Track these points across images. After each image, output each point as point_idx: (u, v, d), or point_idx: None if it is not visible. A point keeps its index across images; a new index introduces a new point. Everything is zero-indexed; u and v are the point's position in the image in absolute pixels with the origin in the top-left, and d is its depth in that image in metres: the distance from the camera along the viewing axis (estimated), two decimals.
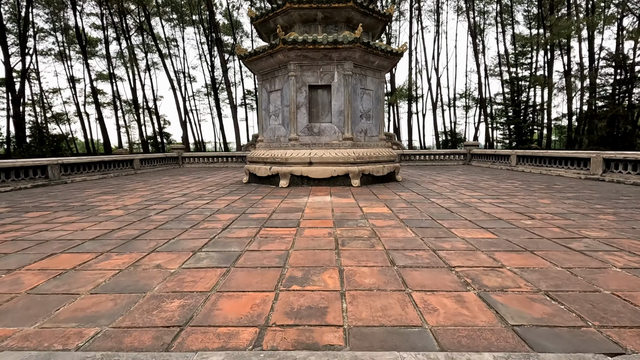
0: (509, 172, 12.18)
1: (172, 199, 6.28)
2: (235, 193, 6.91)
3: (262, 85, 8.75)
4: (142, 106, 41.94)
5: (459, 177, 10.25)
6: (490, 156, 15.31)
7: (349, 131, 7.85)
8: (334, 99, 7.85)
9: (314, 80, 7.82)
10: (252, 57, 8.21)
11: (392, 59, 8.39)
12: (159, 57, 29.51)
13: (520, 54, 33.75)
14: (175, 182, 9.40)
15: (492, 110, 36.61)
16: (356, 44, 7.30)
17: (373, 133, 8.58)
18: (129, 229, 3.96)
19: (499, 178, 9.84)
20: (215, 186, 8.26)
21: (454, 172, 12.53)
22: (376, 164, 8.16)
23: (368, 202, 5.57)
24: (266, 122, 8.75)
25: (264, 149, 8.58)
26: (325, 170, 7.60)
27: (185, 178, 10.75)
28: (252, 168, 8.52)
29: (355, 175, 7.61)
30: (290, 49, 7.43)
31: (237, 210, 5.02)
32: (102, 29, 36.44)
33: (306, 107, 7.88)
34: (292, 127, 7.88)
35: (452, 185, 8.00)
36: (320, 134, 7.94)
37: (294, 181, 7.74)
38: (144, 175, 12.41)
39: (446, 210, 4.90)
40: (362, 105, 8.23)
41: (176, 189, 7.89)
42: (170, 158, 16.68)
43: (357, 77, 8.04)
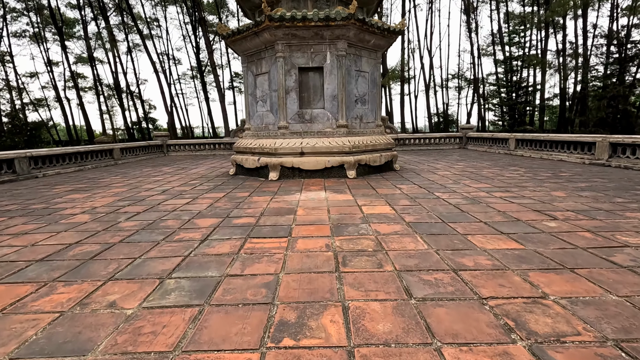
0: (508, 156, 11.74)
1: (149, 197, 5.64)
2: (220, 189, 6.30)
3: (247, 68, 7.99)
4: (125, 90, 40.32)
5: (459, 164, 9.75)
6: (487, 140, 14.85)
7: (343, 118, 7.22)
8: (327, 83, 7.18)
9: (304, 61, 7.11)
10: (236, 36, 7.42)
11: (390, 37, 7.69)
12: (140, 38, 27.95)
13: (513, 32, 32.99)
14: (156, 175, 8.71)
15: (485, 90, 36.07)
16: (350, 21, 6.58)
17: (369, 119, 7.96)
18: (90, 242, 3.35)
19: (500, 164, 9.37)
20: (199, 179, 7.61)
21: (451, 157, 12.04)
22: (373, 153, 7.58)
23: (367, 199, 5.02)
24: (253, 109, 8.05)
25: (252, 138, 7.91)
26: (318, 161, 7.01)
27: (168, 169, 10.04)
28: (240, 159, 7.87)
29: (350, 166, 7.03)
30: (278, 27, 6.67)
31: (221, 212, 4.43)
32: (78, 8, 34.40)
33: (296, 91, 7.20)
34: (281, 114, 7.21)
35: (453, 174, 7.49)
36: (312, 121, 7.29)
37: (284, 173, 7.13)
38: (125, 166, 11.64)
39: (455, 208, 4.38)
40: (357, 89, 7.58)
41: (156, 183, 7.22)
42: (154, 146, 15.84)
43: (352, 58, 7.34)
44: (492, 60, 41.29)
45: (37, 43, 38.76)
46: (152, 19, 41.68)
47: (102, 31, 34.21)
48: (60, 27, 33.42)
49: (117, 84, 35.40)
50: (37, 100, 45.63)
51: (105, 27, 31.23)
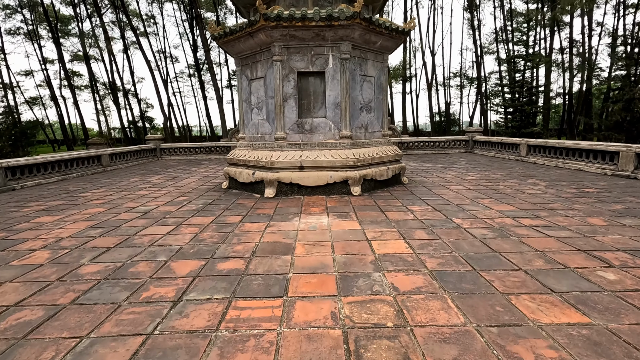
0: (520, 164, 11.05)
1: (126, 223, 4.94)
2: (209, 210, 5.60)
3: (241, 72, 7.28)
4: (121, 89, 39.54)
5: (470, 173, 9.06)
6: (496, 144, 14.15)
7: (347, 127, 6.52)
8: (329, 89, 6.47)
9: (304, 65, 6.40)
10: (228, 37, 6.71)
11: (398, 38, 6.97)
12: (134, 36, 27.14)
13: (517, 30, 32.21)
14: (143, 186, 8.01)
15: (487, 90, 35.33)
16: (355, 20, 5.86)
17: (375, 128, 7.26)
18: (35, 303, 2.66)
19: (515, 175, 8.68)
20: (187, 195, 6.91)
21: (459, 164, 11.35)
22: (379, 166, 6.89)
23: (377, 228, 4.33)
24: (248, 117, 7.34)
25: (246, 149, 7.21)
26: (319, 176, 6.31)
27: (158, 179, 9.34)
28: (233, 172, 7.18)
29: (355, 182, 6.34)
30: (274, 27, 5.96)
31: (205, 250, 3.73)
32: (72, 4, 33.55)
33: (295, 98, 6.49)
34: (278, 123, 6.50)
35: (468, 190, 6.79)
36: (313, 131, 6.59)
37: (282, 189, 6.44)
38: (113, 174, 10.93)
39: (482, 244, 3.70)
40: (362, 95, 6.87)
41: (140, 200, 6.52)
42: (147, 150, 15.13)
43: (356, 61, 6.63)
44: (495, 59, 40.59)
45: (31, 41, 37.98)
46: (149, 16, 40.87)
47: (97, 29, 33.38)
48: (54, 24, 32.62)
49: (112, 82, 34.62)
50: (32, 98, 44.84)
51: (100, 25, 30.38)
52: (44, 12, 29.35)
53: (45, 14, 29.40)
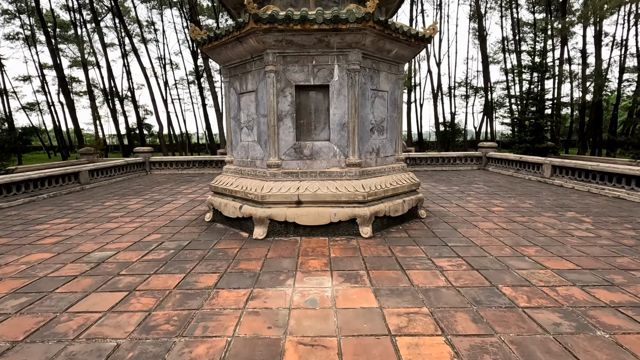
0: (544, 187, 9.83)
1: (64, 284, 3.73)
2: (179, 261, 4.39)
3: (229, 84, 6.13)
4: (119, 96, 38.65)
5: (494, 201, 7.84)
6: (514, 162, 12.95)
7: (355, 153, 5.34)
8: (334, 106, 5.31)
9: (303, 78, 5.25)
10: (213, 42, 5.57)
11: (416, 46, 5.83)
12: (130, 44, 26.22)
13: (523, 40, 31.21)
14: (115, 215, 6.82)
15: (492, 101, 34.27)
16: (368, 23, 4.72)
17: (387, 152, 6.08)
18: None
19: (546, 203, 7.48)
20: (162, 231, 5.71)
21: (477, 185, 10.14)
22: (394, 199, 5.69)
23: (401, 307, 3.11)
24: (236, 137, 6.17)
25: (233, 176, 6.02)
26: (320, 213, 5.11)
27: (136, 203, 8.14)
28: (217, 203, 5.98)
29: (365, 220, 5.13)
30: (267, 31, 4.82)
31: (149, 353, 2.52)
32: (68, 10, 32.80)
33: (292, 117, 5.33)
34: (271, 147, 5.33)
35: (502, 230, 5.57)
36: (314, 157, 5.41)
37: (275, 228, 5.24)
38: (91, 193, 9.75)
39: (564, 350, 2.48)
40: (373, 113, 5.70)
41: (101, 239, 5.33)
42: (134, 164, 13.97)
43: (367, 73, 5.48)
44: (501, 69, 39.65)
45: (28, 46, 37.24)
46: (149, 23, 40.14)
47: (95, 35, 32.55)
48: (53, 30, 31.85)
49: (110, 89, 33.71)
50: (29, 104, 44.04)
51: (97, 30, 29.52)
52: (40, 19, 28.47)
53: (42, 20, 28.53)
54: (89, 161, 19.32)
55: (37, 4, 28.26)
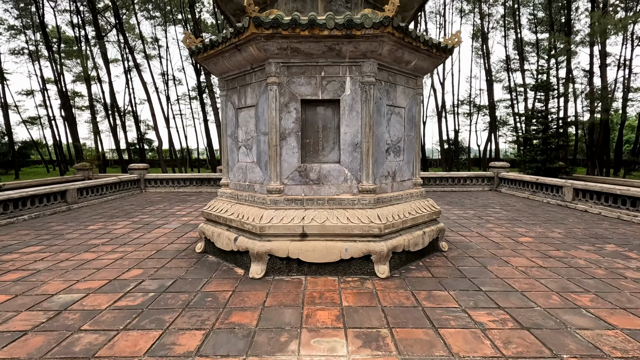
0: (567, 212, 9.05)
1: (13, 341, 2.95)
2: (158, 311, 3.60)
3: (226, 98, 5.48)
4: (121, 110, 38.47)
5: (519, 229, 7.06)
6: (530, 184, 12.20)
7: (369, 177, 4.62)
8: (345, 124, 4.62)
9: (310, 91, 4.58)
10: (209, 51, 4.94)
11: (437, 57, 5.19)
12: (132, 60, 26.02)
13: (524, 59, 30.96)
14: (96, 242, 6.04)
15: (496, 119, 33.86)
16: (386, 29, 4.08)
17: (404, 176, 5.36)
18: None
19: (578, 233, 6.69)
20: (145, 264, 4.93)
21: (493, 209, 9.36)
22: (413, 231, 4.93)
23: None
24: (233, 157, 5.47)
25: (228, 201, 5.28)
26: (329, 249, 4.35)
27: (123, 227, 7.38)
28: (210, 232, 5.23)
29: (381, 257, 4.36)
30: (270, 37, 4.18)
31: None
32: (72, 26, 32.94)
33: (297, 136, 4.63)
34: (272, 169, 4.61)
35: (539, 268, 4.78)
36: (321, 181, 4.69)
37: (275, 266, 4.46)
38: (77, 214, 9.01)
39: None
40: (389, 132, 5.01)
41: (73, 275, 4.55)
42: (128, 182, 13.27)
43: (383, 86, 4.82)
44: (505, 87, 39.50)
45: (32, 61, 37.28)
46: (153, 39, 40.33)
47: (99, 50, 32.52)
48: (52, 46, 31.87)
49: (112, 104, 33.45)
50: (31, 118, 43.90)
51: (99, 46, 29.45)
52: (44, 35, 28.44)
53: (45, 36, 28.49)
54: (85, 177, 18.65)
55: (42, 21, 28.29)
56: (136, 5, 33.54)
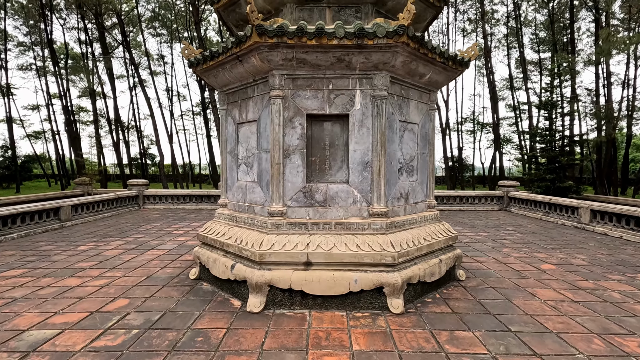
0: (586, 235, 8.54)
1: None
2: (140, 350, 3.12)
3: (227, 112, 5.13)
4: (124, 125, 38.59)
5: (538, 254, 6.55)
6: (542, 204, 11.71)
7: (380, 199, 4.19)
8: (354, 140, 4.23)
9: (317, 105, 4.22)
10: (209, 62, 4.62)
11: (453, 71, 4.85)
12: (137, 75, 26.13)
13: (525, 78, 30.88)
14: (84, 265, 5.59)
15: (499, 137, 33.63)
16: (401, 39, 3.74)
17: (418, 197, 4.93)
18: None
19: (602, 259, 6.18)
20: (132, 293, 4.47)
21: (506, 231, 8.86)
22: (429, 259, 4.46)
23: None
24: (232, 175, 5.08)
25: (226, 224, 4.85)
26: (336, 279, 3.88)
27: (116, 247, 6.93)
28: (205, 257, 4.78)
29: (395, 290, 3.88)
30: (274, 47, 3.85)
31: None
32: (80, 42, 33.43)
33: (302, 153, 4.24)
34: (274, 189, 4.20)
35: (571, 303, 4.27)
36: (328, 203, 4.26)
37: (275, 298, 3.99)
38: (69, 232, 8.58)
39: None
40: (401, 150, 4.62)
41: (51, 305, 4.09)
42: (126, 198, 12.88)
43: (395, 101, 4.45)
44: (508, 105, 39.47)
45: (39, 76, 37.67)
46: (159, 56, 40.84)
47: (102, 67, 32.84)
48: (59, 62, 32.24)
49: (115, 118, 33.52)
50: (35, 132, 44.11)
51: (104, 62, 29.71)
52: (51, 52, 28.74)
53: (52, 53, 28.79)
54: (84, 192, 18.32)
55: (50, 38, 28.66)
56: (143, 23, 34.10)
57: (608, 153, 26.41)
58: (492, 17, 35.66)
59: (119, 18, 26.18)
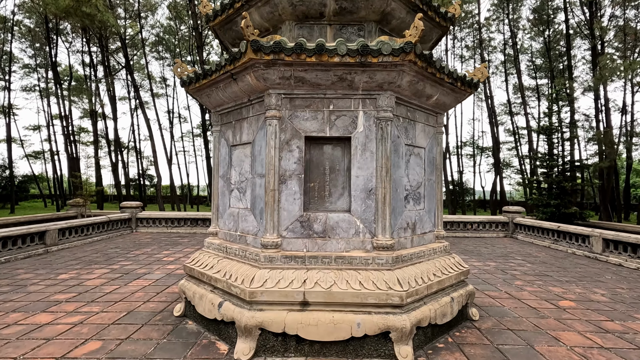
0: (598, 265, 8.05)
1: None
2: None
3: (220, 134, 4.81)
4: (123, 146, 38.54)
5: (553, 288, 6.06)
6: (550, 232, 11.26)
7: (385, 230, 3.78)
8: (357, 165, 3.88)
9: (316, 127, 3.89)
10: (201, 81, 4.34)
11: (461, 92, 4.57)
12: (137, 97, 26.23)
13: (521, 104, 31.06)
14: (61, 297, 5.09)
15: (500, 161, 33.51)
16: (408, 57, 3.45)
17: (425, 227, 4.52)
18: None
19: (624, 295, 5.70)
20: (106, 333, 3.97)
21: (516, 260, 8.35)
22: (439, 298, 4.00)
23: None
24: (224, 201, 4.69)
25: (215, 255, 4.42)
26: (337, 322, 3.42)
27: (100, 276, 6.43)
28: (191, 292, 4.31)
29: (404, 335, 3.41)
30: (270, 64, 3.56)
31: None
32: (84, 65, 33.91)
33: (299, 179, 3.88)
34: (269, 218, 3.80)
35: (604, 351, 3.78)
36: (327, 234, 3.85)
37: (267, 342, 3.51)
38: (53, 258, 8.08)
39: None
40: (408, 176, 4.26)
41: (16, 346, 3.59)
42: (118, 221, 12.42)
43: (401, 123, 4.14)
44: (507, 130, 39.65)
45: (41, 97, 37.92)
46: (162, 79, 41.39)
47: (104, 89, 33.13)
48: (62, 83, 32.54)
49: (115, 139, 33.47)
50: (34, 152, 44.04)
51: (106, 84, 29.98)
52: (54, 74, 29.03)
53: (55, 75, 29.07)
54: (78, 213, 17.82)
55: (54, 61, 29.01)
56: (147, 47, 34.71)
57: (610, 179, 26.15)
58: (489, 44, 36.43)
59: (122, 42, 26.55)
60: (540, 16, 31.79)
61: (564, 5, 26.61)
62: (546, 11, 31.14)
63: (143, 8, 31.11)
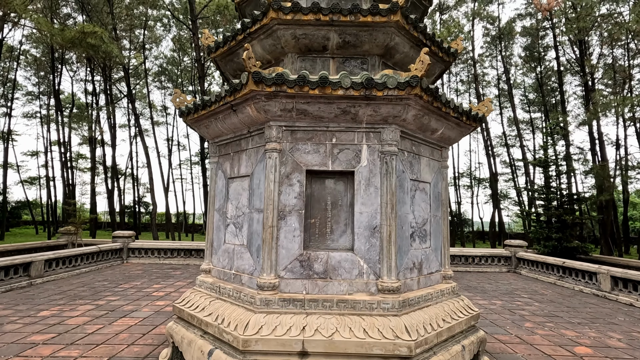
0: (608, 305, 7.71)
1: None
2: None
3: (217, 166, 4.64)
4: (119, 173, 38.35)
5: (566, 332, 5.70)
6: (555, 267, 10.93)
7: (391, 271, 3.53)
8: (360, 201, 3.68)
9: (318, 161, 3.73)
10: (200, 112, 4.23)
11: (466, 127, 4.47)
12: (137, 127, 26.39)
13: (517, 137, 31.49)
14: (35, 341, 4.68)
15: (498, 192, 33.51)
16: (414, 90, 3.36)
17: (432, 267, 4.26)
18: None
19: None
20: None
21: (523, 299, 7.97)
22: (449, 346, 3.68)
23: None
24: (219, 236, 4.44)
25: (207, 295, 4.11)
26: None
27: (81, 315, 6.01)
28: (179, 337, 3.96)
29: None
30: (272, 96, 3.45)
31: None
32: (86, 93, 34.41)
33: (300, 215, 3.66)
34: (266, 257, 3.54)
35: None
36: (329, 275, 3.59)
37: None
38: (36, 292, 7.63)
39: None
40: (413, 212, 4.05)
41: None
42: (109, 252, 11.98)
43: (406, 158, 3.99)
44: (503, 161, 39.99)
45: (42, 124, 38.13)
46: (163, 107, 41.99)
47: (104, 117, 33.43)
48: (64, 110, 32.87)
49: (113, 166, 33.36)
50: (31, 178, 43.70)
51: (106, 112, 30.30)
52: (56, 101, 29.36)
53: (57, 102, 29.39)
54: (68, 242, 17.32)
55: (57, 89, 29.43)
56: (149, 77, 35.42)
57: (609, 212, 26.04)
58: (483, 79, 37.50)
59: (125, 72, 27.08)
60: (531, 53, 32.97)
61: (554, 44, 27.63)
62: (537, 49, 32.33)
63: (148, 40, 32.03)
